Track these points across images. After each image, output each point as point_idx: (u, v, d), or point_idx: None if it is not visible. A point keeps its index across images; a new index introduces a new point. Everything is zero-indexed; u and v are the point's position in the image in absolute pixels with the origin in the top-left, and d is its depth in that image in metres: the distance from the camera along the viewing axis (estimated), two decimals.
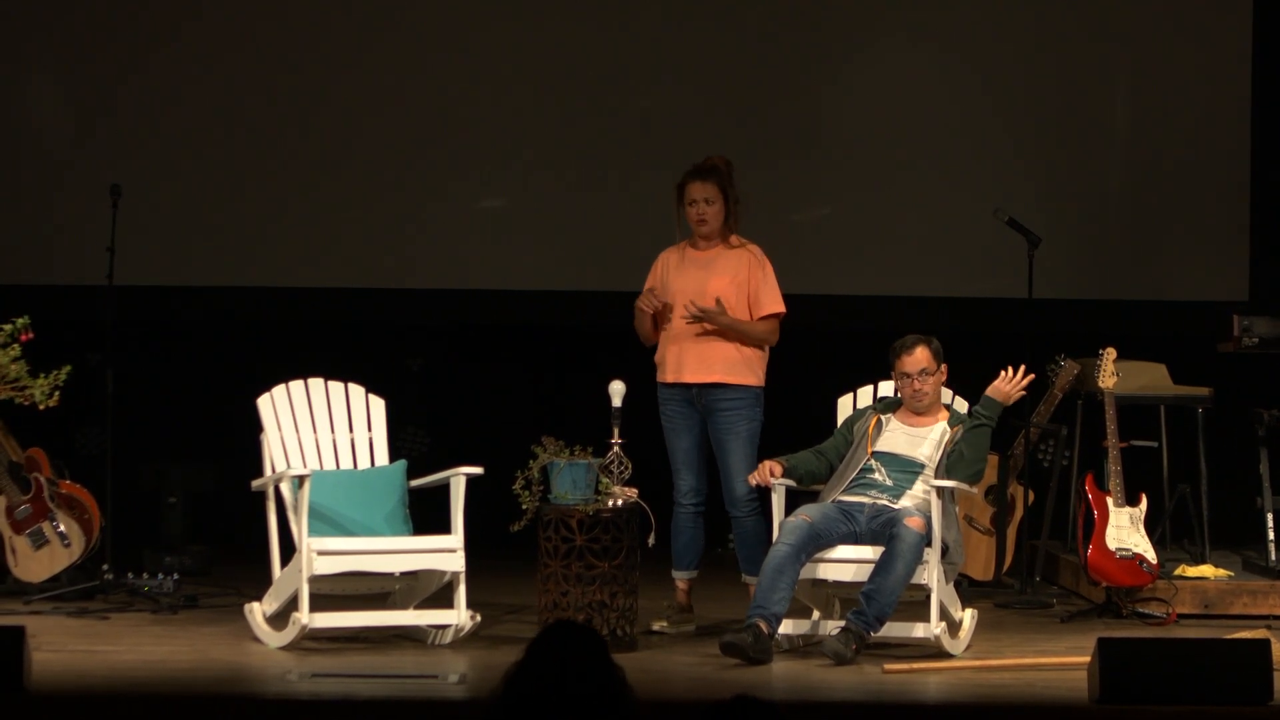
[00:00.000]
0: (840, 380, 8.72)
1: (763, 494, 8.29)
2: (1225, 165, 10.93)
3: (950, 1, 10.96)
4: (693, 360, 8.37)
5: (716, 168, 8.45)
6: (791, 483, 8.13)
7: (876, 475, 8.07)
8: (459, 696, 7.06)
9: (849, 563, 7.89)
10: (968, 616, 8.09)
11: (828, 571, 7.91)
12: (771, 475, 8.04)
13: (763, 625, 7.68)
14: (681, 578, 8.52)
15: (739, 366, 8.37)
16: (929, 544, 7.80)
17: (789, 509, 8.03)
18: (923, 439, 8.13)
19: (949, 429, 8.12)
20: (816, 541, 7.84)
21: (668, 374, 8.43)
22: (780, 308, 8.41)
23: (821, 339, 10.86)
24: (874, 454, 8.10)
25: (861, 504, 7.99)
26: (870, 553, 7.85)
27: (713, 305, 8.31)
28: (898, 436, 8.16)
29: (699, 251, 8.46)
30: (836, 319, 10.88)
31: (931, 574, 7.80)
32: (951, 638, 7.91)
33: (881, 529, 7.84)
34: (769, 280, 8.39)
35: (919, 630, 7.84)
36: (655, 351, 8.54)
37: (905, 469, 8.07)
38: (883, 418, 8.22)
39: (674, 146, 10.49)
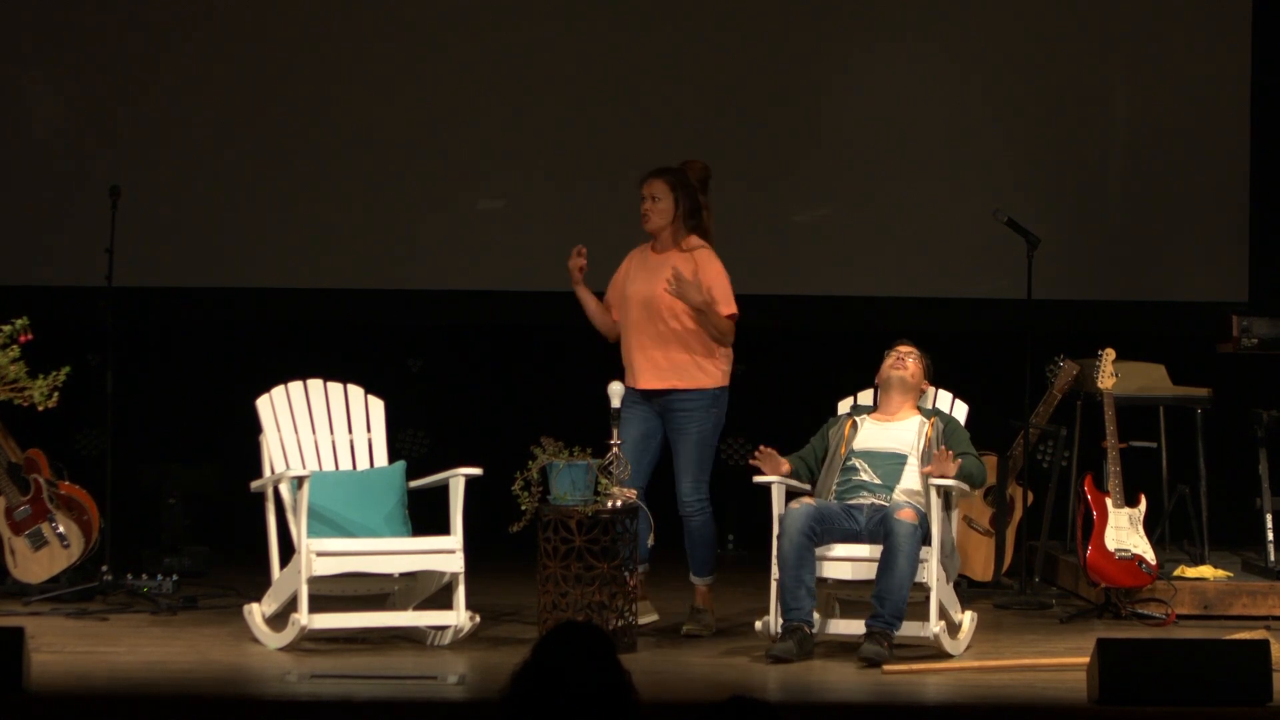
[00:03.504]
0: (840, 381, 8.72)
1: (712, 496, 8.30)
2: (1225, 166, 10.93)
3: (950, 3, 10.96)
4: (649, 368, 8.39)
5: (671, 168, 8.48)
6: (793, 482, 8.15)
7: (863, 475, 8.12)
8: (458, 697, 7.06)
9: (847, 561, 7.90)
10: (967, 619, 8.09)
11: (827, 570, 7.91)
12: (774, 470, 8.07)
13: (805, 628, 7.75)
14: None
15: (690, 370, 8.37)
16: (927, 541, 7.82)
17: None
18: (900, 431, 8.21)
19: (925, 420, 8.20)
20: (823, 521, 7.86)
21: (628, 378, 8.45)
22: (732, 309, 8.37)
23: (821, 340, 10.88)
24: (855, 453, 8.14)
25: (860, 505, 8.01)
26: (868, 551, 7.86)
27: (667, 311, 8.32)
28: (874, 433, 8.24)
29: (656, 255, 8.49)
30: (836, 320, 10.89)
31: (931, 572, 7.81)
32: (951, 638, 7.91)
33: (878, 527, 7.86)
34: (720, 281, 8.36)
35: (918, 629, 7.83)
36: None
37: (889, 462, 8.13)
38: (858, 419, 8.29)
39: (675, 148, 10.48)
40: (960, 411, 8.40)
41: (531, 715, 4.24)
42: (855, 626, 7.84)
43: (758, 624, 8.09)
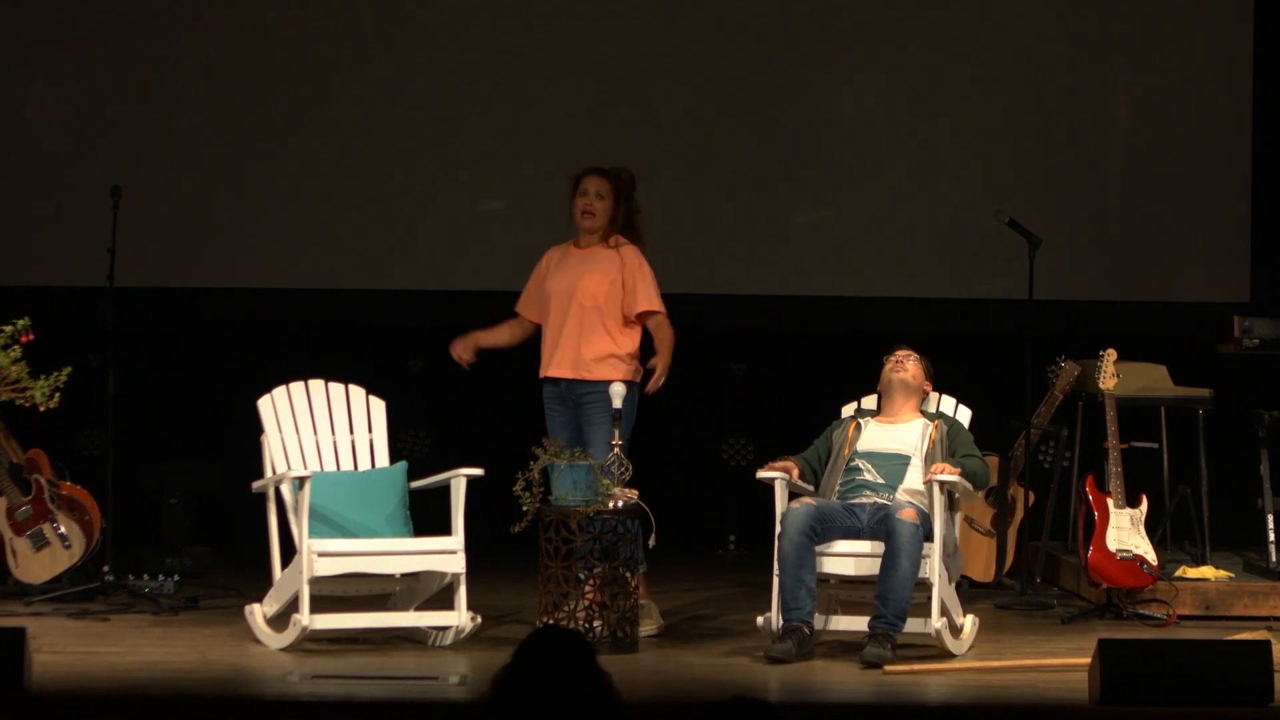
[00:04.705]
0: (840, 382, 8.71)
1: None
2: (1225, 166, 10.94)
3: (951, 3, 10.96)
4: (567, 357, 8.44)
5: (616, 172, 8.56)
6: (798, 481, 8.14)
7: (866, 475, 8.13)
8: (460, 698, 7.06)
9: (849, 556, 7.89)
10: (969, 622, 8.08)
11: (829, 565, 7.90)
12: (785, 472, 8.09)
13: (805, 628, 7.75)
14: None
15: (606, 363, 8.39)
16: (929, 537, 7.81)
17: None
18: (903, 433, 8.22)
19: (929, 423, 8.21)
20: (823, 521, 7.85)
21: (543, 369, 8.51)
22: (655, 306, 8.42)
23: (821, 340, 10.87)
24: (858, 454, 8.15)
25: (862, 504, 8.01)
26: (869, 547, 7.86)
27: (589, 303, 8.39)
28: (878, 434, 8.25)
29: (579, 250, 8.56)
30: (836, 320, 10.89)
31: (933, 568, 7.80)
32: (954, 638, 7.91)
33: (880, 525, 7.86)
34: (646, 279, 8.44)
35: (920, 625, 7.82)
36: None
37: (892, 462, 8.14)
38: (861, 421, 8.30)
39: (675, 149, 10.51)
40: (964, 416, 8.39)
41: None
42: (858, 624, 7.83)
43: (759, 619, 8.06)
